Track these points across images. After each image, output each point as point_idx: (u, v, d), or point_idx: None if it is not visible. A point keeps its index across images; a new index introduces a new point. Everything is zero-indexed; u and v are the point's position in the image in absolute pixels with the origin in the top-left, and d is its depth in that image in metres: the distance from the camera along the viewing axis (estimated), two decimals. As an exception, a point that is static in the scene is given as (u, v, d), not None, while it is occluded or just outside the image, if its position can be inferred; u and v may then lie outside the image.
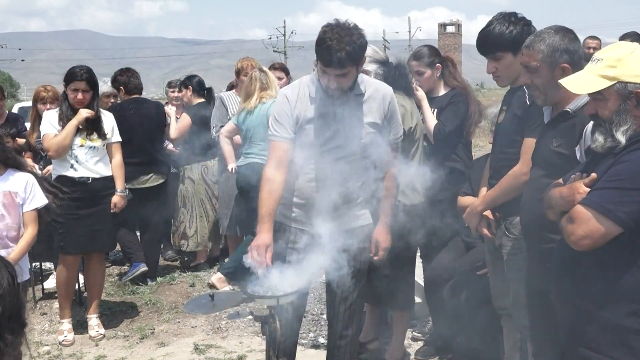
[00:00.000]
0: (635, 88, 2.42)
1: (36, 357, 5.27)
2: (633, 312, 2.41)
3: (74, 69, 5.41)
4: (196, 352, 5.24)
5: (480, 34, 3.67)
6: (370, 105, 3.65)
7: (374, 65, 4.30)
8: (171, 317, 6.05)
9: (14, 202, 4.06)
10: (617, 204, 2.34)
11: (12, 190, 4.07)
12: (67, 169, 5.29)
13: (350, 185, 3.67)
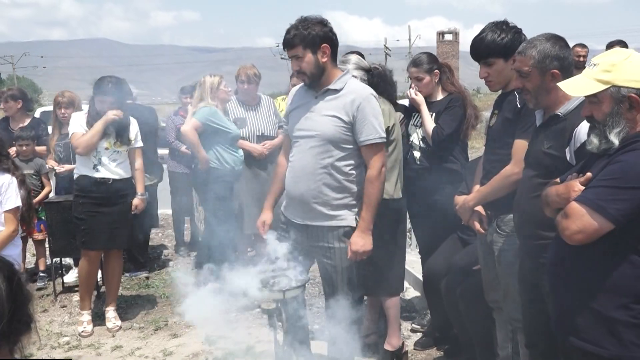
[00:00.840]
0: (628, 92, 2.42)
1: (56, 347, 5.28)
2: (623, 305, 2.40)
3: (101, 81, 5.49)
4: (207, 343, 5.23)
5: (473, 41, 3.68)
6: (340, 101, 3.73)
7: (360, 72, 4.42)
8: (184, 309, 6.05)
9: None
10: (610, 201, 2.33)
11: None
12: (89, 169, 5.35)
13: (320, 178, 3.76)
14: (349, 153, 3.78)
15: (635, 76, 2.42)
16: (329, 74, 3.78)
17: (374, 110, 3.78)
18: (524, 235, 3.20)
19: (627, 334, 2.40)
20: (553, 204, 2.59)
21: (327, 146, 3.75)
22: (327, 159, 3.75)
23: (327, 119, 3.73)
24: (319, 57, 3.70)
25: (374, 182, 3.76)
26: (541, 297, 2.95)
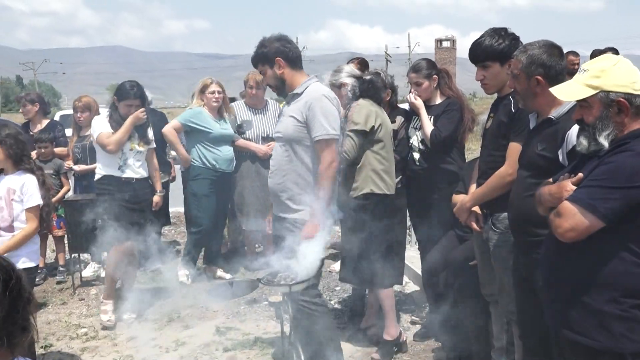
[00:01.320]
0: (616, 96, 2.41)
1: (75, 337, 5.29)
2: (613, 299, 2.40)
3: (125, 86, 5.50)
4: (217, 334, 5.23)
5: (473, 44, 3.69)
6: (299, 103, 3.95)
7: (351, 79, 4.65)
8: (196, 302, 6.05)
9: (11, 199, 4.16)
10: (600, 200, 2.33)
11: (11, 187, 4.17)
12: (115, 169, 5.41)
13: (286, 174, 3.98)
14: (310, 150, 3.94)
15: (623, 81, 2.41)
16: (292, 81, 4.03)
17: (323, 109, 3.89)
18: (518, 232, 3.20)
19: (617, 327, 2.39)
20: (546, 203, 2.58)
21: (289, 144, 3.98)
22: (291, 156, 3.97)
23: (289, 119, 3.98)
24: (276, 70, 3.99)
25: (323, 175, 3.89)
26: (534, 291, 2.95)
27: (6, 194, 4.15)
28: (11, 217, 4.16)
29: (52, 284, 6.69)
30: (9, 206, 4.15)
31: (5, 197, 4.15)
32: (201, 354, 4.86)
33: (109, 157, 5.40)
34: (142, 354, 4.91)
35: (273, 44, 4.01)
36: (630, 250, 2.36)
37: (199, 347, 4.99)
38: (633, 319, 2.39)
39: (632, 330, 2.39)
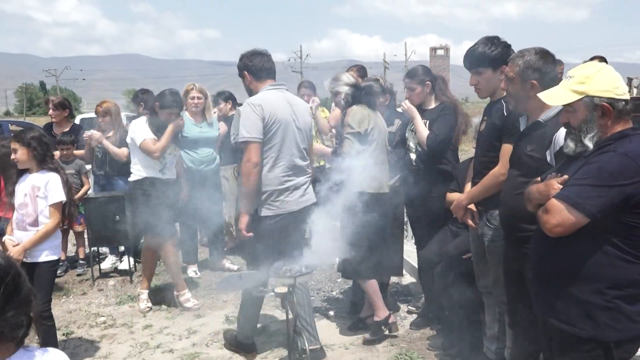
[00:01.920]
0: (600, 101, 2.41)
1: (94, 326, 5.29)
2: (597, 290, 2.40)
3: (167, 96, 5.54)
4: (227, 323, 5.24)
5: (467, 51, 3.69)
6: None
7: (346, 88, 4.71)
8: (206, 293, 6.07)
9: (35, 196, 4.18)
10: (586, 198, 2.32)
11: (36, 185, 4.18)
12: (157, 171, 5.49)
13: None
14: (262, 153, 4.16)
15: (606, 87, 2.41)
16: (257, 90, 4.31)
17: (243, 115, 4.15)
18: (509, 228, 3.20)
19: (602, 316, 2.39)
20: (535, 200, 2.58)
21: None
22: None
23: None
24: (246, 82, 4.37)
25: (242, 174, 4.19)
26: (524, 282, 2.95)
27: (31, 190, 4.17)
28: (36, 212, 4.17)
29: (72, 276, 6.70)
30: (33, 202, 4.17)
31: (30, 193, 4.16)
32: (212, 342, 4.87)
33: (150, 160, 5.45)
34: (157, 341, 4.92)
35: (242, 60, 4.38)
36: (613, 245, 2.36)
37: (209, 335, 4.99)
38: (616, 309, 2.39)
39: (615, 319, 2.39)
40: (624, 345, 2.46)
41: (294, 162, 4.26)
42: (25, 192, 4.18)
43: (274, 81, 4.36)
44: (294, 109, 4.30)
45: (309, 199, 4.36)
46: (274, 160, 4.17)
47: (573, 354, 2.50)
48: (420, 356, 4.41)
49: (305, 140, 4.37)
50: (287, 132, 4.19)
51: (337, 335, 4.88)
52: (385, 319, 4.71)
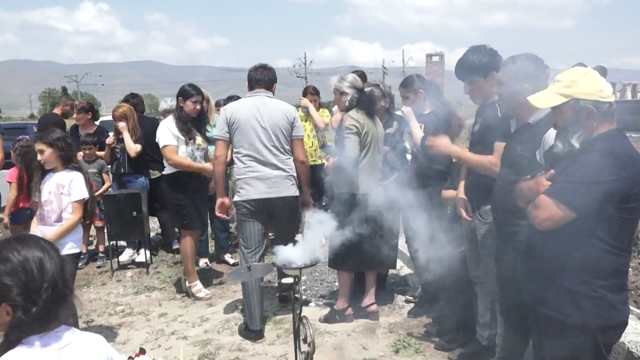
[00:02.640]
0: (585, 104, 2.40)
1: (113, 314, 5.31)
2: (584, 280, 2.40)
3: (186, 88, 5.45)
4: (237, 311, 5.24)
5: (458, 62, 3.67)
6: None
7: (352, 90, 4.74)
8: (218, 283, 6.08)
9: (60, 193, 4.17)
10: (573, 194, 2.33)
11: (61, 183, 4.18)
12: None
13: None
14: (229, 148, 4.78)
15: (591, 90, 2.41)
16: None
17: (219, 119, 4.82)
18: (500, 222, 3.20)
19: (587, 305, 2.40)
20: (525, 196, 2.58)
21: None
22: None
23: None
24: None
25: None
26: (514, 273, 2.94)
27: (56, 188, 4.17)
28: (60, 208, 4.17)
29: (93, 268, 6.72)
30: (58, 199, 4.17)
31: (55, 191, 4.17)
32: (222, 329, 4.87)
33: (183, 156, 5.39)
34: (171, 328, 4.93)
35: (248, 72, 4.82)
36: (598, 238, 2.36)
37: (220, 323, 5.00)
38: (601, 298, 2.39)
39: (600, 307, 2.40)
40: (609, 332, 2.46)
41: (258, 156, 4.57)
42: (50, 189, 4.18)
43: (259, 89, 4.70)
44: (263, 111, 4.59)
45: (278, 191, 4.59)
46: (240, 154, 4.61)
47: (561, 339, 2.50)
48: (417, 342, 4.42)
49: (273, 139, 4.59)
50: (247, 131, 4.55)
51: (341, 322, 4.88)
52: (342, 309, 4.88)
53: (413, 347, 4.33)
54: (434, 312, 4.82)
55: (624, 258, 2.44)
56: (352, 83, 4.76)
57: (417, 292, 5.35)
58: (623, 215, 2.34)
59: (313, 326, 3.57)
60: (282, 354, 4.32)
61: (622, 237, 2.40)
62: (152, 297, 5.75)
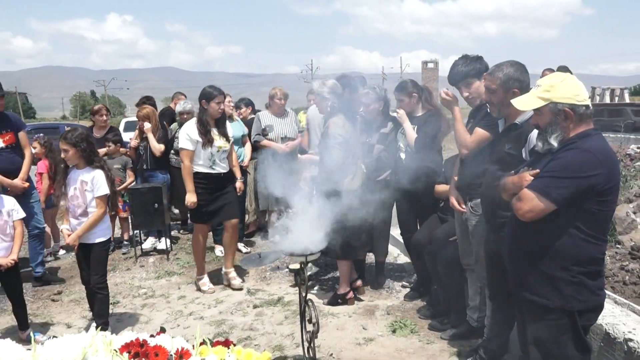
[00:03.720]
0: (563, 107, 2.40)
1: (136, 296, 5.33)
2: (564, 267, 2.40)
3: (207, 90, 5.14)
4: (248, 294, 5.25)
5: (451, 71, 3.65)
6: None
7: (332, 96, 4.60)
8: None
9: (84, 189, 4.16)
10: (553, 188, 2.33)
11: (85, 180, 4.16)
12: (207, 168, 5.15)
13: None
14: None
15: (568, 94, 2.40)
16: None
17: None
18: (489, 214, 3.19)
19: (567, 289, 2.40)
20: (509, 190, 2.57)
21: None
22: None
23: None
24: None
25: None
26: (501, 261, 2.94)
27: (80, 185, 4.15)
28: (85, 204, 4.16)
29: (118, 254, 6.74)
30: (82, 195, 4.16)
31: (80, 188, 4.15)
32: (235, 310, 4.88)
33: (201, 158, 5.13)
34: (189, 309, 4.94)
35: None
36: (577, 228, 2.37)
37: (233, 305, 5.01)
38: (579, 283, 2.39)
39: (578, 292, 2.40)
40: (587, 314, 2.46)
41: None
42: (75, 186, 4.17)
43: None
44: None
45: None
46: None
47: (543, 321, 2.50)
48: (412, 323, 4.41)
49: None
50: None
51: (343, 305, 4.88)
52: (344, 294, 4.86)
53: (409, 328, 4.33)
54: (427, 296, 4.82)
55: (600, 247, 2.44)
56: (333, 89, 4.63)
57: (413, 278, 5.34)
58: (599, 207, 2.35)
59: (317, 308, 3.58)
60: (289, 333, 4.33)
61: (599, 228, 2.39)
62: (172, 281, 5.76)
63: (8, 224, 4.10)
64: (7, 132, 5.20)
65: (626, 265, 4.37)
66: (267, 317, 4.67)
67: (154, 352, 2.56)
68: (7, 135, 5.19)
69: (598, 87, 33.01)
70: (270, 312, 4.78)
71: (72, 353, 2.56)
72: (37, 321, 4.74)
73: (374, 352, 3.98)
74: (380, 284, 5.29)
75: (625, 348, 2.87)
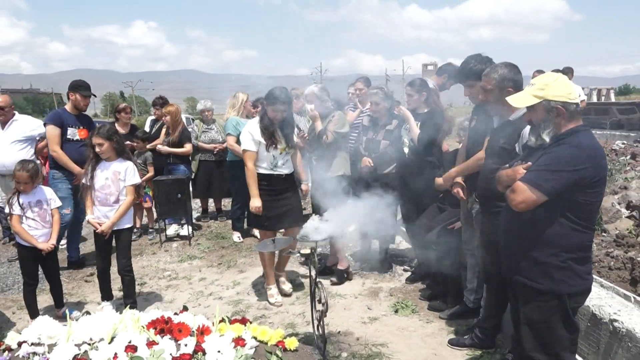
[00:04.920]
0: (555, 104, 2.37)
1: (161, 278, 5.36)
2: (554, 253, 2.38)
3: (274, 93, 4.35)
4: (263, 277, 5.24)
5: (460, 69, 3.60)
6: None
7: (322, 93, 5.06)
8: (248, 253, 6.10)
9: (117, 179, 4.19)
10: (544, 180, 2.30)
11: (118, 170, 4.20)
12: (269, 169, 4.44)
13: None
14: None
15: (561, 92, 2.38)
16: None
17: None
18: (485, 204, 3.17)
19: (557, 274, 2.38)
20: (504, 182, 2.55)
21: None
22: None
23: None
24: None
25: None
26: (496, 247, 2.92)
27: (113, 175, 4.18)
28: (117, 192, 4.19)
29: (145, 240, 6.77)
30: (115, 184, 4.18)
31: (113, 177, 4.18)
32: (251, 291, 4.90)
33: (264, 160, 4.43)
34: (209, 290, 4.97)
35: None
36: (567, 218, 2.35)
37: (249, 286, 5.03)
38: (569, 268, 2.38)
39: (568, 276, 2.38)
40: (575, 297, 2.45)
41: None
42: (107, 176, 4.18)
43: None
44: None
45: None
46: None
47: (534, 303, 2.49)
48: (413, 304, 4.41)
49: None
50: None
51: (349, 286, 4.89)
52: (346, 269, 5.04)
53: (410, 308, 4.33)
54: (427, 279, 4.80)
55: (589, 235, 2.42)
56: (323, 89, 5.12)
57: (414, 263, 5.33)
58: (588, 198, 2.32)
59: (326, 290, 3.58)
60: (300, 312, 4.34)
61: (587, 217, 2.37)
62: (194, 264, 5.79)
63: (47, 212, 4.13)
64: (83, 128, 5.41)
65: (611, 252, 4.33)
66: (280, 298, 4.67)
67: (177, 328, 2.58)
68: (83, 131, 5.40)
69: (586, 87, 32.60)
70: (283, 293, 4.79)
71: (103, 329, 2.58)
72: (71, 300, 4.78)
73: (378, 330, 3.98)
74: (384, 268, 5.29)
75: (611, 328, 2.85)
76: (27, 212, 4.03)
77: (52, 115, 5.48)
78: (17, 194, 4.02)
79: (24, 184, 3.97)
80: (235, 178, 6.49)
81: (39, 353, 2.52)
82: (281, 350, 2.78)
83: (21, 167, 3.97)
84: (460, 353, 3.58)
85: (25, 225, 4.02)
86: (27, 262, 4.11)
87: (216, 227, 7.37)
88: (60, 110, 5.55)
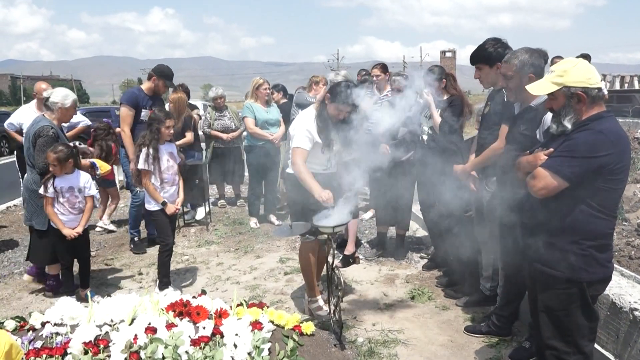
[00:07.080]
0: (575, 90, 2.33)
1: (180, 262, 5.42)
2: (574, 240, 2.34)
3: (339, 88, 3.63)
4: (280, 262, 5.30)
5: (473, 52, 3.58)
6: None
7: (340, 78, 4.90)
8: (264, 239, 6.14)
9: (173, 159, 4.45)
10: (566, 167, 2.27)
11: (172, 151, 4.46)
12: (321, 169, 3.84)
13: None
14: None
15: (581, 78, 2.32)
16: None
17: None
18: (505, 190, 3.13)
19: (577, 261, 2.35)
20: (524, 169, 2.52)
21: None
22: None
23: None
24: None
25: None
26: (514, 234, 2.89)
27: (170, 156, 4.42)
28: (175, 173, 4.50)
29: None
30: (174, 165, 4.47)
31: (171, 159, 4.44)
32: (268, 276, 4.94)
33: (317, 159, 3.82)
34: (227, 275, 5.02)
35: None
36: (588, 205, 2.31)
37: (266, 272, 5.07)
38: (589, 256, 2.34)
39: (588, 264, 2.35)
40: (595, 285, 2.41)
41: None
42: (167, 157, 4.38)
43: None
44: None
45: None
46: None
47: (553, 291, 2.45)
48: (429, 291, 4.41)
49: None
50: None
51: (365, 273, 4.90)
52: (352, 254, 5.08)
53: (426, 295, 4.32)
54: (444, 267, 4.79)
55: (609, 222, 2.38)
56: (346, 77, 4.98)
57: (430, 250, 5.32)
58: (610, 185, 2.28)
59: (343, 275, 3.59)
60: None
61: (608, 204, 2.33)
62: (211, 249, 5.85)
63: (78, 198, 4.23)
64: (150, 109, 5.42)
65: (632, 241, 4.27)
66: (297, 283, 4.70)
67: (196, 311, 2.62)
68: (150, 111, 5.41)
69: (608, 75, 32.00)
70: (300, 279, 4.79)
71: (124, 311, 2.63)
72: (93, 283, 4.88)
73: (394, 316, 3.99)
74: (401, 255, 5.28)
75: (631, 317, 2.81)
76: (59, 197, 4.13)
77: (128, 96, 5.59)
78: (53, 177, 4.12)
79: (53, 165, 4.06)
80: (249, 163, 6.52)
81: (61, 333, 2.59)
82: (298, 334, 2.80)
83: (52, 149, 4.09)
84: (477, 340, 3.57)
85: (56, 209, 4.12)
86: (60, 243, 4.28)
87: (233, 212, 7.42)
88: (136, 90, 5.66)
